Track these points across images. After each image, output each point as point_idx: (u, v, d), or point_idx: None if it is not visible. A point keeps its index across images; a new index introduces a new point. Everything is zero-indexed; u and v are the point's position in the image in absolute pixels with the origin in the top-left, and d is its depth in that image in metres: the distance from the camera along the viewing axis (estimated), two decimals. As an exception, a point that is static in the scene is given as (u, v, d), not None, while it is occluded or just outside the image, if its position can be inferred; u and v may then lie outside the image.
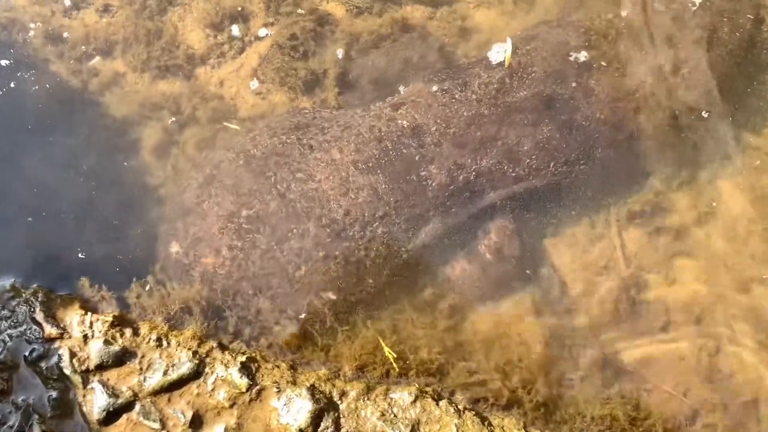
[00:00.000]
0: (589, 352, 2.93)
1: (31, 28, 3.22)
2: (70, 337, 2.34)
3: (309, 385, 2.36)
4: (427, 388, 2.48)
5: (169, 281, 2.62)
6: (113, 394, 2.27)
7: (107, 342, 2.32)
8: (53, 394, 2.27)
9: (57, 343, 2.32)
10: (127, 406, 2.27)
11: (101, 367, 2.30)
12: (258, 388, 2.34)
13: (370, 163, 2.75)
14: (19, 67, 3.12)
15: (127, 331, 2.37)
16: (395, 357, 2.54)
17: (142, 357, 2.34)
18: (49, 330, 2.33)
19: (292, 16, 3.33)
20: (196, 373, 2.33)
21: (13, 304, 2.38)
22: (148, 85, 3.19)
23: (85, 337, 2.33)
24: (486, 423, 2.38)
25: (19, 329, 2.34)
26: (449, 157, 2.80)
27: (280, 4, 3.37)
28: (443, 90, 2.93)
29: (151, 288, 2.53)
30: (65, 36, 3.24)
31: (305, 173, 2.73)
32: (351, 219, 2.68)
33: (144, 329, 2.39)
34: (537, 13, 3.45)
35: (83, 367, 2.30)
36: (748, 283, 3.04)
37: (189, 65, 3.27)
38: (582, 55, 3.01)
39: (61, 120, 3.04)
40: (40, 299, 2.39)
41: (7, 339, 2.32)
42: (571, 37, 3.05)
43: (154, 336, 2.37)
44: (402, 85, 3.16)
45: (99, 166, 2.91)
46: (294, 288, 2.62)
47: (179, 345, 2.37)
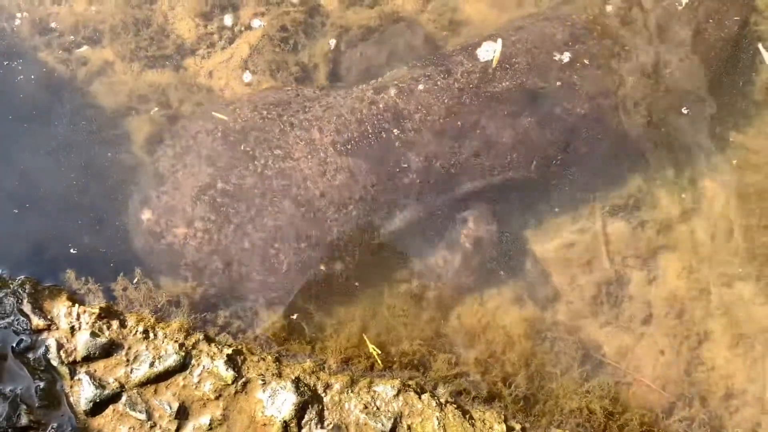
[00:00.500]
0: (570, 345, 2.99)
1: (17, 17, 3.20)
2: (58, 328, 2.36)
3: (294, 377, 2.40)
4: (410, 382, 2.52)
5: (136, 248, 2.63)
6: (100, 385, 2.30)
7: (94, 334, 2.34)
8: (40, 384, 2.30)
9: (44, 335, 2.34)
10: (114, 398, 2.30)
11: (88, 359, 2.33)
12: (243, 380, 2.37)
13: (349, 145, 2.75)
14: (5, 55, 3.10)
15: (114, 323, 2.39)
16: (379, 353, 2.58)
17: (129, 349, 2.37)
18: (37, 321, 2.35)
19: (283, 5, 3.32)
20: (183, 365, 2.36)
21: (0, 295, 2.39)
22: (136, 75, 3.18)
23: (72, 328, 2.36)
24: (467, 416, 2.43)
25: (6, 320, 2.36)
26: (428, 144, 2.80)
27: (271, -6, 3.37)
28: (426, 76, 2.92)
29: (138, 280, 2.56)
30: (53, 25, 3.22)
31: (284, 151, 2.73)
32: (327, 200, 2.69)
33: (131, 321, 2.42)
34: (528, 7, 3.45)
35: (70, 359, 2.32)
36: (730, 279, 3.10)
37: (178, 55, 3.26)
38: (566, 48, 3.02)
39: (48, 109, 3.04)
40: (27, 290, 2.40)
41: (-5, 330, 2.35)
42: (557, 30, 3.06)
43: (140, 328, 2.40)
44: (386, 69, 3.15)
45: (86, 157, 2.91)
46: (265, 266, 2.64)
47: (166, 337, 2.40)
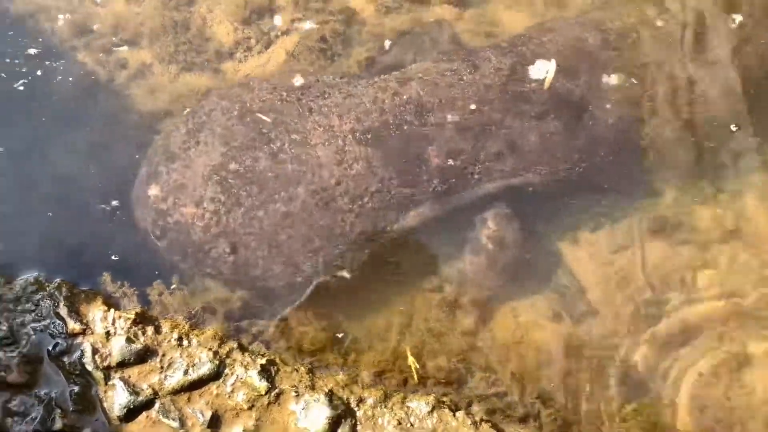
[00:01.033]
0: (608, 364, 2.92)
1: (60, 18, 3.21)
2: (93, 333, 2.35)
3: (327, 390, 2.36)
4: (444, 398, 2.47)
5: (139, 224, 2.60)
6: (134, 391, 2.29)
7: (129, 340, 2.33)
8: (75, 389, 2.29)
9: (80, 339, 2.33)
10: (147, 404, 2.29)
11: (123, 365, 2.32)
12: (277, 391, 2.34)
13: (369, 135, 2.69)
14: (46, 55, 3.12)
15: (149, 329, 2.38)
16: (417, 367, 2.54)
17: (163, 355, 2.35)
18: (73, 325, 2.34)
19: (322, 13, 3.30)
20: (216, 374, 2.34)
21: (37, 297, 2.39)
22: (173, 78, 3.18)
23: (108, 333, 2.35)
24: (503, 436, 2.38)
25: (42, 323, 2.35)
26: (450, 140, 2.74)
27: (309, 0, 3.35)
28: (452, 70, 2.87)
29: (175, 286, 2.54)
30: (93, 25, 3.23)
31: (301, 135, 2.66)
32: (342, 190, 2.61)
33: (165, 327, 2.40)
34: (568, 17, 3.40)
35: (105, 364, 2.31)
36: (772, 300, 3.01)
37: (216, 58, 3.25)
38: (598, 54, 2.96)
39: (86, 111, 3.04)
40: (64, 294, 2.40)
41: (31, 332, 2.34)
42: (589, 35, 3.00)
43: (175, 335, 2.38)
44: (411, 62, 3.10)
45: (123, 160, 2.90)
46: (272, 253, 2.56)
47: (200, 345, 2.38)
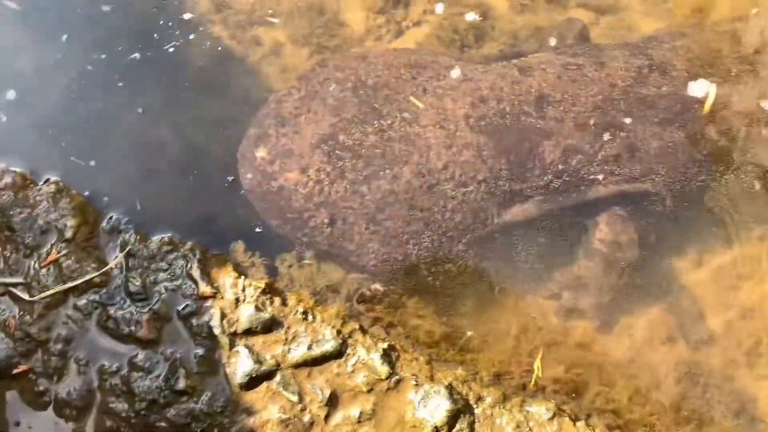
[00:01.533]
0: (723, 394, 2.78)
1: (201, -9, 3.29)
2: (222, 298, 2.37)
3: (447, 383, 2.31)
4: (564, 407, 2.39)
5: (244, 183, 2.61)
6: (257, 360, 2.29)
7: (257, 308, 2.34)
8: (200, 351, 2.31)
9: (209, 302, 2.35)
10: (269, 375, 2.29)
11: (249, 332, 2.32)
12: (397, 377, 2.31)
13: (483, 122, 2.61)
14: (182, 29, 3.18)
15: (277, 300, 2.38)
16: (539, 374, 2.47)
17: (288, 328, 2.35)
18: (204, 288, 2.37)
19: (456, 5, 3.27)
20: (338, 353, 2.33)
21: (171, 257, 2.43)
22: (305, 60, 3.20)
23: (237, 300, 2.36)
24: (624, 453, 2.28)
25: (175, 283, 2.39)
26: (568, 137, 2.63)
27: (443, -7, 3.33)
28: (576, 65, 2.77)
29: (304, 260, 2.54)
30: (231, 2, 3.30)
31: (412, 115, 2.62)
32: (448, 174, 2.55)
33: (292, 300, 2.40)
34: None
35: (231, 330, 2.33)
36: None
37: (347, 44, 3.26)
38: (731, 66, 2.83)
39: (218, 84, 3.10)
40: (197, 257, 2.43)
41: (163, 291, 2.38)
42: (724, 45, 2.87)
43: (300, 309, 2.38)
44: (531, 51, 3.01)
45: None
46: (369, 230, 2.53)
47: (323, 322, 2.37)
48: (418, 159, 2.55)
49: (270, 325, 2.33)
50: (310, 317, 2.37)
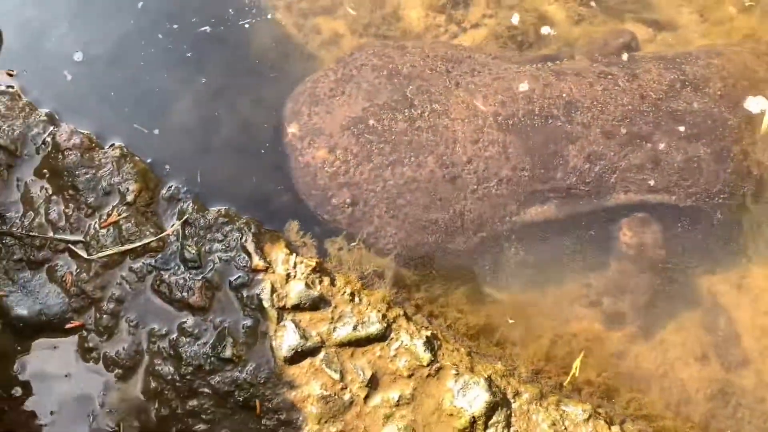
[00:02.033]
0: (756, 416, 2.78)
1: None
2: (274, 272, 2.42)
3: (486, 376, 2.34)
4: (600, 410, 2.41)
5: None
6: (303, 336, 2.34)
7: (307, 285, 2.39)
8: (248, 322, 2.36)
9: (261, 276, 2.41)
10: (314, 351, 2.33)
11: (297, 308, 2.37)
12: (438, 365, 2.34)
13: (511, 121, 2.68)
14: (245, 13, 3.25)
15: (326, 280, 2.43)
16: (576, 374, 2.50)
17: (335, 308, 2.39)
18: (257, 261, 2.42)
19: (515, 10, 3.32)
20: (382, 336, 2.37)
21: (227, 229, 2.49)
22: (363, 51, 3.25)
23: (288, 276, 2.41)
24: (658, 460, 2.29)
25: (229, 254, 2.44)
26: (594, 143, 2.69)
27: (503, -2, 3.38)
28: (609, 74, 2.82)
29: (355, 244, 2.59)
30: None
31: (442, 107, 2.68)
32: (471, 169, 2.62)
33: (340, 281, 2.45)
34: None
35: (280, 304, 2.38)
36: None
37: (404, 40, 3.31)
38: (766, 88, 2.85)
39: (279, 69, 3.16)
40: (252, 230, 2.48)
41: (217, 261, 2.43)
42: (761, 68, 2.89)
43: (348, 290, 2.43)
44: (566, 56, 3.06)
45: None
46: (389, 214, 2.59)
47: (369, 305, 2.41)
48: (443, 150, 2.62)
49: (318, 303, 2.38)
50: (357, 299, 2.42)
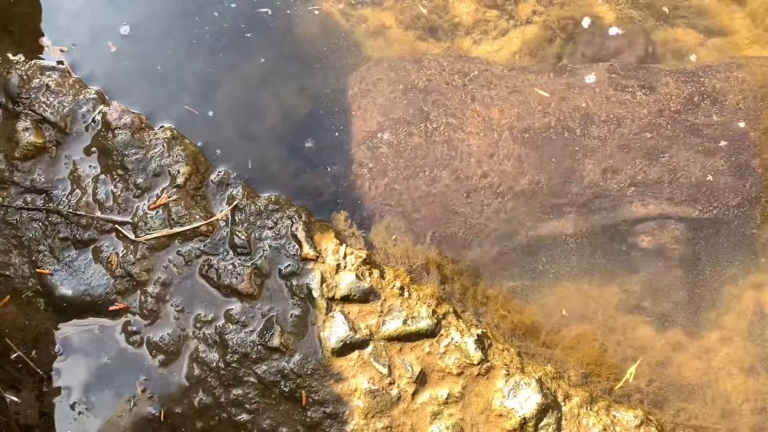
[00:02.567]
0: (800, 429, 2.73)
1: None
2: (324, 262, 2.38)
3: (537, 377, 2.29)
4: (651, 417, 2.36)
5: None
6: (352, 327, 2.29)
7: (358, 277, 2.34)
8: (297, 311, 2.32)
9: (311, 265, 2.36)
10: (362, 344, 2.29)
11: (346, 299, 2.33)
12: (488, 365, 2.30)
13: (527, 135, 2.66)
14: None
15: (375, 272, 2.38)
16: (629, 380, 2.45)
17: (384, 301, 2.35)
18: (307, 250, 2.37)
19: (568, 6, 3.27)
20: (432, 332, 2.32)
21: (277, 216, 2.44)
22: (410, 43, 3.21)
23: (338, 266, 2.37)
24: (711, 471, 2.24)
25: (279, 242, 2.40)
26: (610, 156, 2.66)
27: (555, -4, 3.33)
28: (625, 87, 2.79)
29: (396, 237, 2.54)
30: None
31: (458, 120, 2.68)
32: (486, 182, 2.60)
33: (389, 275, 2.40)
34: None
35: (330, 294, 2.33)
36: None
37: (452, 33, 3.27)
38: None
39: (324, 57, 3.11)
40: (302, 219, 2.44)
41: (267, 248, 2.39)
42: None
43: (397, 284, 2.38)
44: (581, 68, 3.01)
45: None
46: (404, 227, 2.57)
47: (419, 299, 2.36)
48: (458, 164, 2.62)
49: (367, 295, 2.33)
50: (406, 293, 2.37)
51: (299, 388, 2.24)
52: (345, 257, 2.38)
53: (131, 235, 2.37)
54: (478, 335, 2.32)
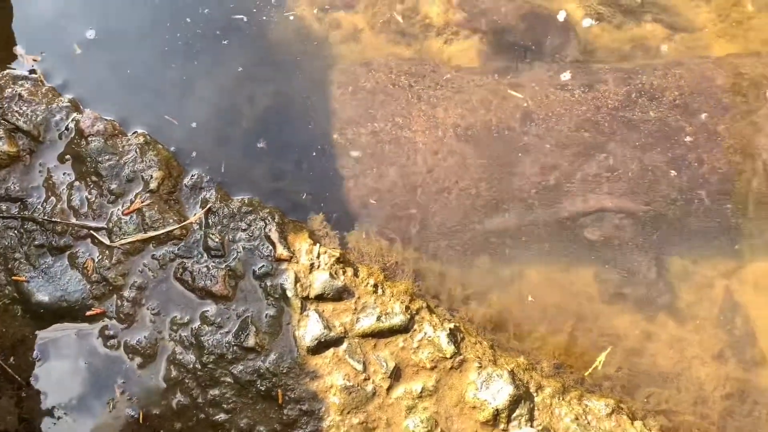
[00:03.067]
0: (771, 416, 2.78)
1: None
2: (298, 262, 2.41)
3: (509, 369, 2.34)
4: (622, 405, 2.41)
5: None
6: (327, 326, 2.32)
7: (331, 276, 2.38)
8: (271, 311, 2.35)
9: (284, 265, 2.40)
10: (337, 341, 2.32)
11: (321, 298, 2.36)
12: (461, 358, 2.34)
13: (470, 132, 2.75)
14: (271, 6, 3.25)
15: (349, 270, 2.42)
16: (598, 368, 2.49)
17: (358, 298, 2.39)
18: (281, 251, 2.41)
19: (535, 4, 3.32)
20: (405, 328, 2.36)
21: (250, 218, 2.47)
22: (382, 46, 3.25)
23: (312, 266, 2.40)
24: (681, 456, 2.29)
25: (252, 243, 2.43)
26: (549, 153, 2.74)
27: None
28: (564, 85, 2.87)
29: (369, 235, 2.58)
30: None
31: (404, 119, 2.76)
32: (432, 178, 2.68)
33: (363, 273, 2.44)
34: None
35: (304, 294, 2.37)
36: None
37: (423, 35, 3.31)
38: (722, 96, 2.88)
39: (298, 62, 3.15)
40: (276, 220, 2.47)
41: (240, 250, 2.42)
42: (718, 75, 2.92)
43: (371, 281, 2.42)
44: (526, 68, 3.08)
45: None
46: (370, 225, 2.62)
47: (393, 296, 2.40)
48: (405, 161, 2.70)
49: (341, 294, 2.37)
50: (380, 290, 2.41)
51: (275, 387, 2.28)
52: (319, 257, 2.42)
53: (106, 241, 2.39)
54: (450, 329, 2.36)
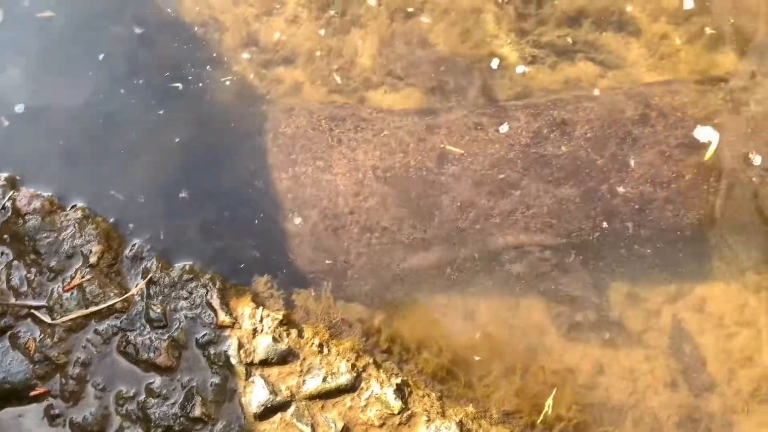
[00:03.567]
0: (724, 441, 2.83)
1: (227, 27, 3.41)
2: (240, 327, 2.42)
3: (458, 420, 2.36)
4: (572, 448, 2.44)
5: None
6: (273, 390, 2.33)
7: (275, 339, 2.39)
8: (216, 380, 2.35)
9: (227, 332, 2.40)
10: (284, 406, 2.33)
11: (265, 363, 2.37)
12: (409, 413, 2.35)
13: (389, 174, 2.81)
14: (211, 64, 3.30)
15: (293, 332, 2.43)
16: (548, 412, 2.52)
17: (303, 360, 2.40)
18: (223, 317, 2.42)
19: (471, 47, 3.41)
20: (352, 387, 2.37)
21: (192, 285, 2.48)
22: (325, 97, 3.31)
23: (255, 330, 2.41)
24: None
25: (195, 311, 2.44)
26: (465, 191, 2.80)
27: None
28: (479, 125, 2.94)
29: (317, 294, 2.60)
30: (257, 40, 3.42)
31: (325, 163, 2.82)
32: (353, 219, 2.72)
33: (308, 333, 2.45)
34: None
35: (248, 360, 2.37)
36: None
37: (363, 87, 3.38)
38: (632, 128, 2.97)
39: (237, 121, 3.19)
40: (217, 286, 2.48)
41: (183, 319, 2.42)
42: (628, 107, 3.02)
43: (316, 341, 2.43)
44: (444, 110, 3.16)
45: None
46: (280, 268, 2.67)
47: (338, 355, 2.42)
48: (326, 204, 2.75)
49: (286, 357, 2.38)
50: (326, 350, 2.42)
51: (225, 456, 2.27)
52: (262, 320, 2.43)
53: (47, 319, 2.38)
54: (397, 384, 2.38)
